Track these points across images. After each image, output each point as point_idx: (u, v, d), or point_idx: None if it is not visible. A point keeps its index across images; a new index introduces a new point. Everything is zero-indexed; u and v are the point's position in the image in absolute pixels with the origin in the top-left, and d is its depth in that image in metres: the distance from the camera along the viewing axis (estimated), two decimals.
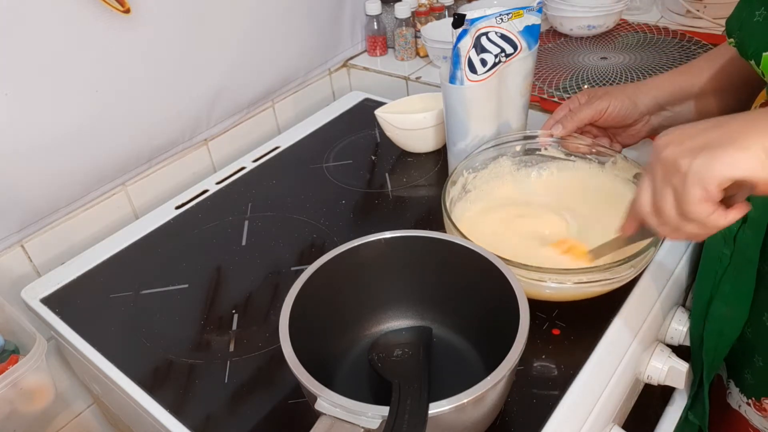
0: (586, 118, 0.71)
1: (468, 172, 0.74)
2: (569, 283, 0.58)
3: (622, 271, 0.59)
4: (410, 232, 0.59)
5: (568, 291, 0.59)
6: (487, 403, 0.48)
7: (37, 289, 0.77)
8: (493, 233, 0.68)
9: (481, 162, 0.75)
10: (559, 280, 0.58)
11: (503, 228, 0.69)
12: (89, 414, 0.92)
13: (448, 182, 0.69)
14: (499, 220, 0.71)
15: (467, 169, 0.74)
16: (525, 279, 0.58)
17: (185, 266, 0.78)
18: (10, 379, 0.63)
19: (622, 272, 0.59)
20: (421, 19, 1.15)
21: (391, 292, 0.62)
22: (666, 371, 0.66)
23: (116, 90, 0.82)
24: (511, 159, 0.77)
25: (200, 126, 0.96)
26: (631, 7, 1.23)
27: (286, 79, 1.08)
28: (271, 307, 0.70)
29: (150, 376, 0.63)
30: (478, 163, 0.75)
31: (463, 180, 0.73)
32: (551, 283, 0.58)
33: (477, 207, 0.73)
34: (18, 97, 0.72)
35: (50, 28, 0.72)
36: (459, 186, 0.73)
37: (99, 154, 0.84)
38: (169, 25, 0.85)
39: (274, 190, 0.90)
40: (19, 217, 0.79)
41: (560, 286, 0.58)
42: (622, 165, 0.72)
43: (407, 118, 0.89)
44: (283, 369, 0.61)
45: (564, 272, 0.58)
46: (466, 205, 0.73)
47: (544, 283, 0.58)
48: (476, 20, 0.70)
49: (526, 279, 0.58)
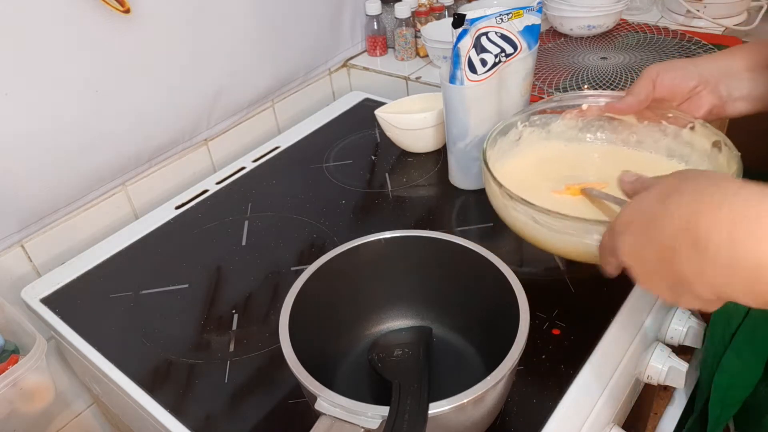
0: (641, 90, 0.64)
1: (524, 125, 0.71)
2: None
3: None
4: (410, 232, 0.59)
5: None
6: (487, 403, 0.48)
7: (37, 289, 0.77)
8: (528, 185, 0.64)
9: (540, 118, 0.72)
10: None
11: (539, 181, 0.67)
12: (89, 414, 0.92)
13: (496, 130, 0.67)
14: (539, 174, 0.68)
15: (523, 122, 0.71)
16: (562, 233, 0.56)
17: (185, 266, 0.78)
18: (10, 379, 0.63)
19: None
20: (421, 19, 1.15)
21: (391, 292, 0.62)
22: (666, 371, 0.66)
23: (116, 90, 0.82)
24: (573, 118, 0.73)
25: (200, 126, 0.96)
26: (631, 7, 1.23)
27: (286, 79, 1.08)
28: (271, 307, 0.70)
29: (150, 376, 0.63)
30: (537, 117, 0.72)
31: (517, 132, 0.71)
32: (596, 235, 0.54)
33: (522, 160, 0.71)
34: (18, 97, 0.72)
35: (50, 28, 0.72)
36: (511, 137, 0.70)
37: (99, 154, 0.84)
38: (169, 25, 0.85)
39: (274, 190, 0.90)
40: (19, 217, 0.79)
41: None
42: (701, 132, 0.65)
43: (407, 118, 0.89)
44: (283, 369, 0.61)
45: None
46: (510, 158, 0.71)
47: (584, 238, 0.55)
48: (476, 20, 0.70)
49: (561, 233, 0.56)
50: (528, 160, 0.71)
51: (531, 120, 0.72)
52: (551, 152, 0.72)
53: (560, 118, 0.72)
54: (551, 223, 0.56)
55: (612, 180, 0.60)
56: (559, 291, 0.67)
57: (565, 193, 0.64)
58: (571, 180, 0.66)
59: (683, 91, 0.63)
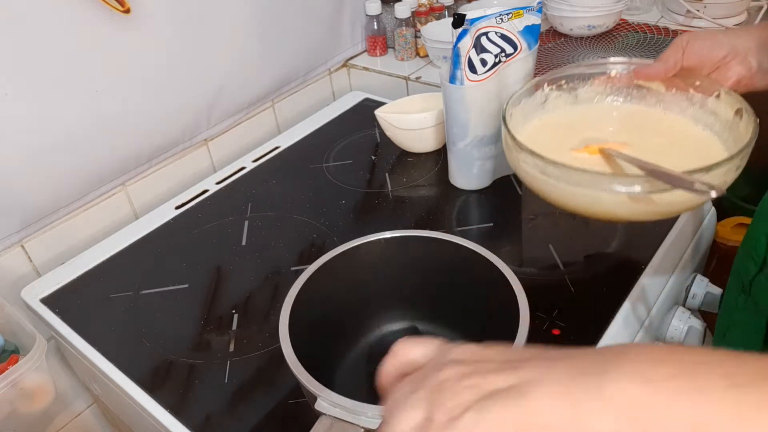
0: (670, 57, 0.63)
1: (550, 89, 0.71)
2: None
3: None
4: (410, 232, 0.59)
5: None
6: None
7: (37, 289, 0.77)
8: (549, 145, 0.63)
9: (567, 83, 0.72)
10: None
11: (561, 141, 0.66)
12: (89, 414, 0.92)
13: (522, 90, 0.67)
14: (563, 136, 0.68)
15: (550, 85, 0.71)
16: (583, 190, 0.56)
17: (185, 266, 0.78)
18: (10, 379, 0.63)
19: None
20: (421, 19, 1.15)
21: (391, 292, 0.62)
22: None
23: (116, 90, 0.82)
24: (601, 84, 0.72)
25: (200, 126, 0.96)
26: (631, 7, 1.23)
27: (286, 79, 1.08)
28: (271, 307, 0.70)
29: (150, 376, 0.63)
30: (564, 82, 0.71)
31: (543, 95, 0.71)
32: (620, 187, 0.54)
33: (546, 123, 0.70)
34: (18, 97, 0.72)
35: (50, 28, 0.72)
36: (537, 99, 0.70)
37: (99, 154, 0.84)
38: (169, 24, 0.85)
39: (274, 190, 0.90)
40: (19, 217, 0.79)
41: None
42: (726, 100, 0.63)
43: (407, 118, 0.89)
44: (283, 369, 0.61)
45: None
46: (534, 119, 0.70)
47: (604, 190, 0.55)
48: (476, 20, 0.70)
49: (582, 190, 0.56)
50: (552, 122, 0.71)
51: (558, 84, 0.71)
52: (577, 117, 0.72)
53: (588, 84, 0.72)
54: (558, 174, 0.56)
55: (633, 142, 0.62)
56: (559, 291, 0.67)
57: (583, 152, 0.64)
58: (593, 142, 0.66)
59: (712, 60, 0.62)
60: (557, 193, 0.59)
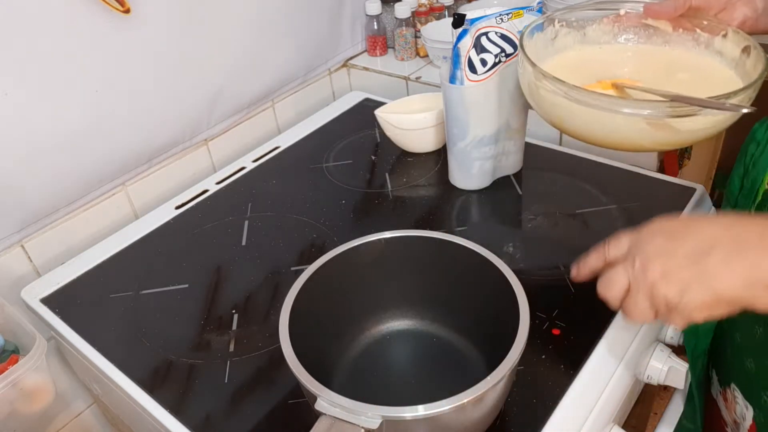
0: None
1: (560, 24, 0.71)
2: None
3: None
4: (410, 232, 0.59)
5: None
6: (487, 403, 0.48)
7: (37, 289, 0.77)
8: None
9: (577, 20, 0.71)
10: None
11: (572, 79, 0.65)
12: (89, 414, 0.92)
13: (534, 23, 0.67)
14: (573, 73, 0.67)
15: (560, 20, 0.70)
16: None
17: (185, 266, 0.78)
18: (10, 379, 0.63)
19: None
20: (421, 19, 1.15)
21: (391, 292, 0.62)
22: (666, 371, 0.66)
23: (116, 90, 0.82)
24: (609, 24, 0.72)
25: (200, 126, 0.96)
26: None
27: (286, 79, 1.08)
28: (271, 307, 0.70)
29: (150, 376, 0.63)
30: (574, 18, 0.71)
31: (554, 31, 0.70)
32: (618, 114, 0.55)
33: (556, 62, 0.70)
34: (18, 96, 0.72)
35: (50, 28, 0.72)
36: (548, 34, 0.70)
37: (99, 154, 0.84)
38: (169, 25, 0.85)
39: (274, 190, 0.90)
40: (19, 217, 0.79)
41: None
42: (732, 38, 0.64)
43: (407, 118, 0.89)
44: (283, 369, 0.61)
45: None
46: (544, 58, 0.70)
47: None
48: (476, 20, 0.70)
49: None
50: (562, 61, 0.71)
51: (567, 20, 0.71)
52: (586, 55, 0.72)
53: (596, 23, 0.72)
54: (577, 96, 0.57)
55: (644, 79, 0.64)
56: (559, 291, 0.67)
57: (596, 86, 0.64)
58: (603, 78, 0.67)
59: (720, 0, 0.64)
60: (576, 120, 0.60)
